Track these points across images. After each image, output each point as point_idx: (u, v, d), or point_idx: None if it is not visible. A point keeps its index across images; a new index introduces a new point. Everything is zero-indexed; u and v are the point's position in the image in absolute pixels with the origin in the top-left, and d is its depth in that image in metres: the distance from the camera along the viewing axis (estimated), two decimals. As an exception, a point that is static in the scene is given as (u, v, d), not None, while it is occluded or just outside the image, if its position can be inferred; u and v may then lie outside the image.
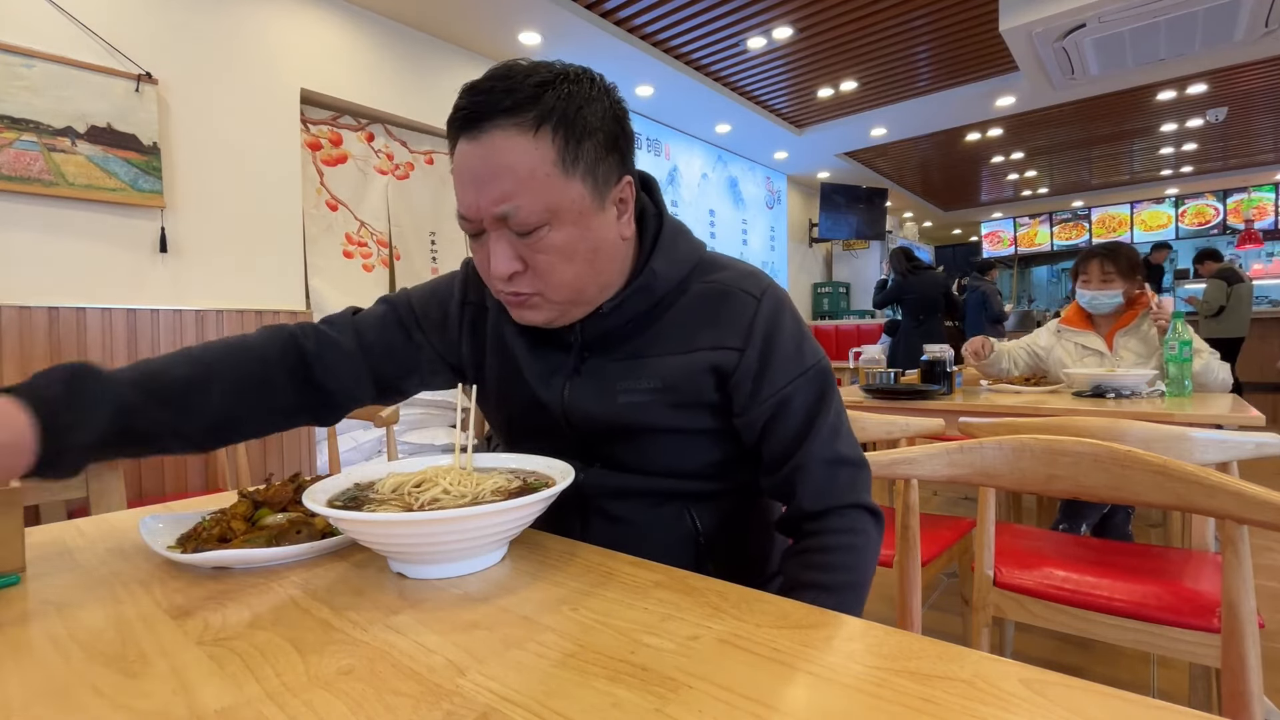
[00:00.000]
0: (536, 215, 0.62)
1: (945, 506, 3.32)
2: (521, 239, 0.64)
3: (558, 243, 0.64)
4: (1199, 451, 1.04)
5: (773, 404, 0.71)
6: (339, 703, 0.37)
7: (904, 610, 0.96)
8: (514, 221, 0.63)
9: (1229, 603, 0.75)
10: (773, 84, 4.69)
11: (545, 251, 0.64)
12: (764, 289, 0.74)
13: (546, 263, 0.65)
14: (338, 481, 0.65)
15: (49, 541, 0.69)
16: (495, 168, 0.62)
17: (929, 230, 11.32)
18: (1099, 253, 2.19)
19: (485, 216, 0.63)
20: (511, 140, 0.61)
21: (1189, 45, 3.83)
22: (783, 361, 0.72)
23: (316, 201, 3.11)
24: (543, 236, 0.64)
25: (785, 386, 0.71)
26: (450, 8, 3.29)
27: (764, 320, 0.72)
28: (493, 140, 0.62)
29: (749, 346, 0.71)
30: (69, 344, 2.31)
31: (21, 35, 2.22)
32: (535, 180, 0.62)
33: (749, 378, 0.71)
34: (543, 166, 0.62)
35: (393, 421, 1.93)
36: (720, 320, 0.72)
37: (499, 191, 0.62)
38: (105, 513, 0.84)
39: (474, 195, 0.63)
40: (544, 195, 0.62)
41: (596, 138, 0.64)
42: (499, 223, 0.63)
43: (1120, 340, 2.19)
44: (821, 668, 0.40)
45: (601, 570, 0.58)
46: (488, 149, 0.62)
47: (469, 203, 0.64)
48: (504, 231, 0.64)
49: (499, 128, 0.61)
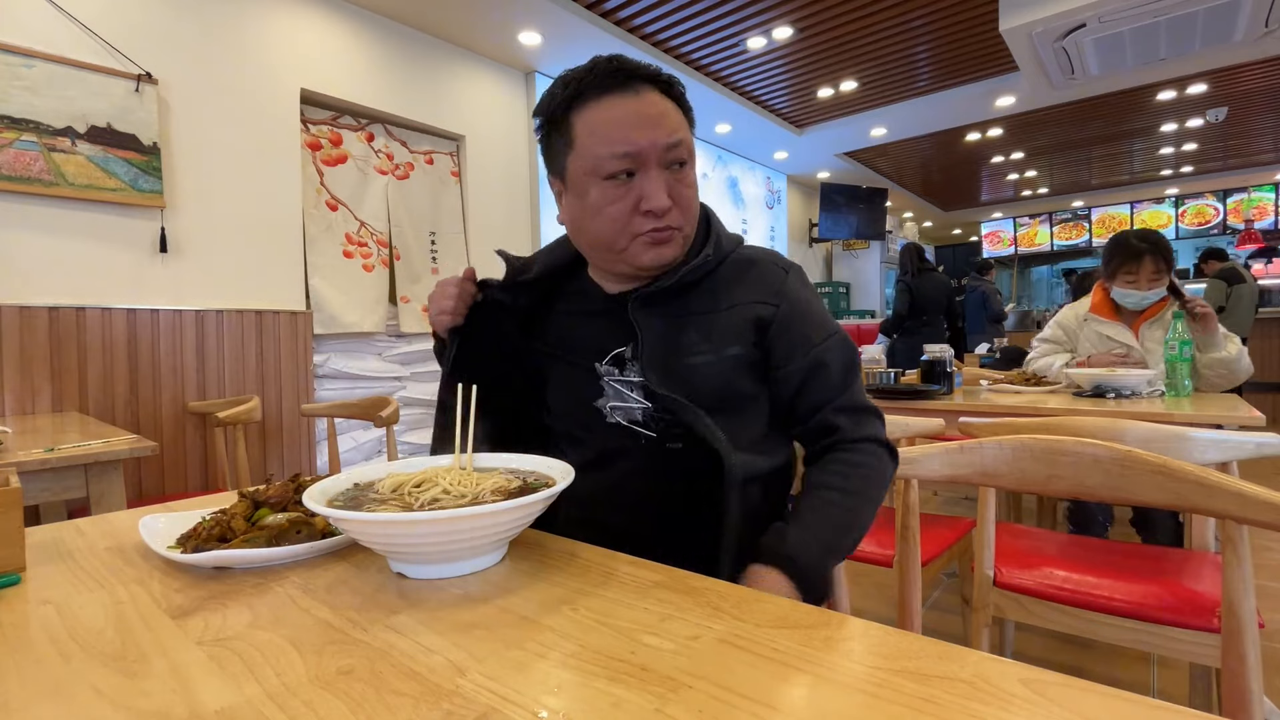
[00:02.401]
0: (687, 152, 0.77)
1: (945, 506, 3.32)
2: (673, 175, 0.76)
3: (693, 178, 0.80)
4: (1199, 451, 1.04)
5: (810, 360, 0.81)
6: (339, 703, 0.37)
7: (904, 610, 0.97)
8: (677, 153, 0.76)
9: (1229, 603, 0.75)
10: (773, 84, 4.69)
11: (689, 185, 0.79)
12: (789, 264, 0.87)
13: (688, 195, 0.78)
14: (338, 481, 0.65)
15: (49, 541, 0.69)
16: (664, 110, 0.76)
17: (929, 230, 11.31)
18: (1147, 249, 2.01)
19: (657, 149, 0.74)
20: (660, 97, 0.77)
21: (1189, 45, 3.83)
22: (815, 320, 0.83)
23: (316, 201, 3.11)
24: (687, 172, 0.78)
25: (820, 344, 0.81)
26: (450, 8, 3.29)
27: (793, 285, 0.84)
28: (650, 95, 0.76)
29: (783, 302, 0.82)
30: (69, 344, 2.31)
31: (21, 35, 2.22)
32: (683, 127, 0.78)
33: (785, 330, 0.81)
34: (681, 118, 0.78)
35: (393, 422, 1.93)
36: (753, 282, 0.83)
37: (670, 127, 0.75)
38: (105, 513, 0.84)
39: (648, 132, 0.74)
40: (689, 138, 0.78)
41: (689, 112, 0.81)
42: (661, 159, 0.75)
43: (1146, 332, 2.09)
44: (821, 668, 0.40)
45: (601, 570, 0.58)
46: (649, 100, 0.75)
47: (641, 139, 0.74)
48: (661, 170, 0.76)
49: (650, 88, 0.76)
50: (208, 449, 2.64)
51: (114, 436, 1.53)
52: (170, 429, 2.55)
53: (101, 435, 1.56)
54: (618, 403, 0.84)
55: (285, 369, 2.90)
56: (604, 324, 0.86)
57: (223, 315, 2.70)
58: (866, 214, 7.08)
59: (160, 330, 2.53)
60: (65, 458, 1.31)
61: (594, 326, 0.87)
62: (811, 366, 0.81)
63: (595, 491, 0.81)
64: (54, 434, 1.66)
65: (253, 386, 2.79)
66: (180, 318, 2.58)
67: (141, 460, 2.44)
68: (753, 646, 0.43)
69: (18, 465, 1.23)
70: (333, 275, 3.12)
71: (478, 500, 0.58)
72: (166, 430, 2.54)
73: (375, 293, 3.28)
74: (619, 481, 0.83)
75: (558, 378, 0.90)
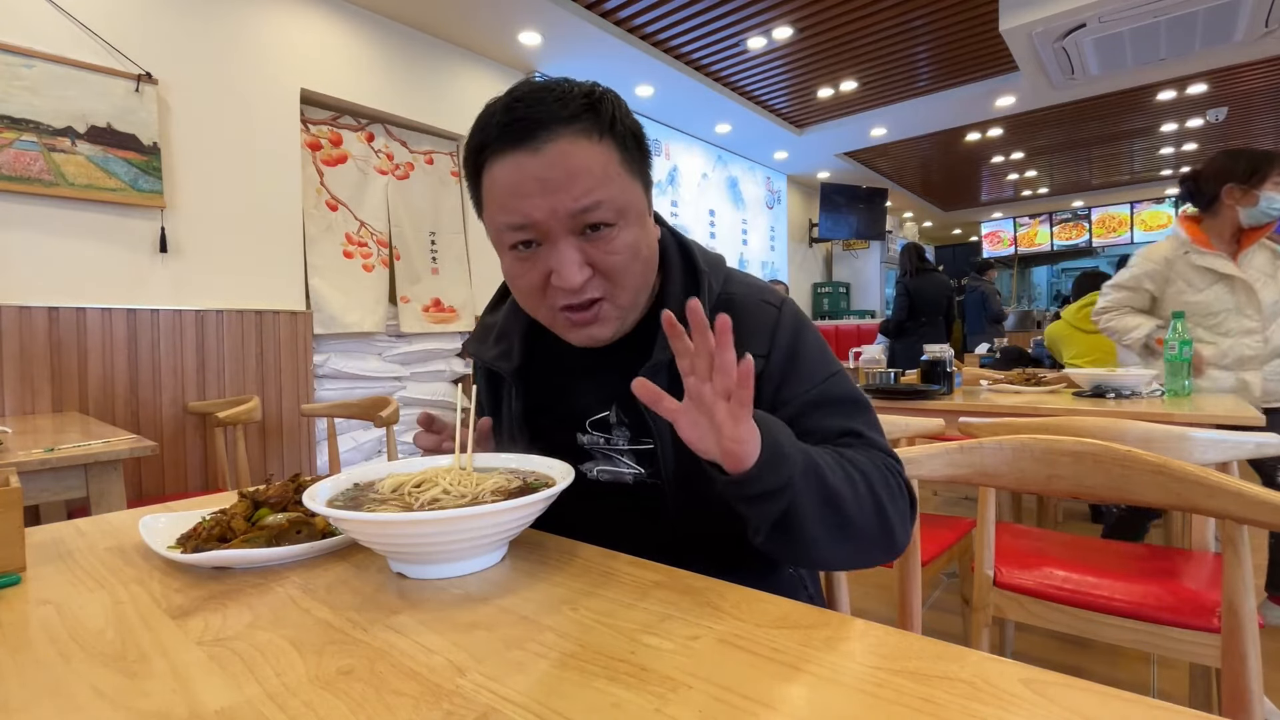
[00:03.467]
0: (612, 213, 0.63)
1: (945, 506, 3.32)
2: (592, 242, 0.64)
3: (628, 241, 0.65)
4: (1199, 451, 1.04)
5: (810, 397, 0.69)
6: (339, 703, 0.37)
7: (904, 610, 0.97)
8: (600, 213, 0.63)
9: (1229, 603, 0.75)
10: (773, 84, 4.69)
11: (617, 251, 0.65)
12: (782, 299, 0.74)
13: (618, 263, 0.65)
14: (338, 481, 0.65)
15: (49, 541, 0.69)
16: (570, 170, 0.62)
17: (929, 230, 11.32)
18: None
19: (559, 219, 0.62)
20: (578, 145, 0.62)
21: (1189, 45, 3.83)
22: (811, 362, 0.71)
23: (316, 201, 3.11)
24: (615, 236, 0.64)
25: (818, 384, 0.70)
26: (450, 8, 3.29)
27: (787, 326, 0.72)
28: (558, 147, 0.61)
29: (774, 350, 0.70)
30: (69, 344, 2.31)
31: (21, 35, 2.22)
32: (610, 179, 0.63)
33: (776, 378, 0.70)
34: (612, 167, 0.64)
35: (393, 422, 1.93)
36: (743, 329, 0.68)
37: (579, 189, 0.62)
38: (105, 513, 0.84)
39: (547, 200, 0.62)
40: (618, 194, 0.64)
41: (641, 144, 0.68)
42: (570, 226, 0.63)
43: (1245, 259, 1.98)
44: (821, 668, 0.40)
45: (601, 570, 0.58)
46: (554, 156, 0.61)
47: (540, 207, 0.62)
48: (571, 238, 0.64)
49: (561, 136, 0.62)
50: (208, 449, 2.64)
51: (114, 436, 1.53)
52: (170, 429, 2.55)
53: (101, 435, 1.56)
54: (606, 467, 0.76)
55: (285, 369, 2.90)
56: (585, 385, 0.76)
57: (223, 315, 2.70)
58: (866, 214, 7.09)
59: (160, 330, 2.53)
60: (65, 458, 1.31)
61: (574, 388, 0.77)
62: (804, 408, 0.69)
63: (575, 524, 0.72)
64: (54, 434, 1.66)
65: (253, 386, 2.79)
66: (180, 318, 2.58)
67: (141, 460, 2.44)
68: (753, 646, 0.43)
69: (18, 465, 1.23)
70: (333, 275, 3.12)
71: (478, 500, 0.58)
72: (166, 430, 2.54)
73: (375, 293, 3.28)
74: (602, 516, 0.74)
75: (540, 444, 0.77)
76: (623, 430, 0.74)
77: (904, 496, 0.66)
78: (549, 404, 0.79)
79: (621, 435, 0.75)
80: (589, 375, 0.76)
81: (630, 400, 0.69)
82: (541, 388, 0.80)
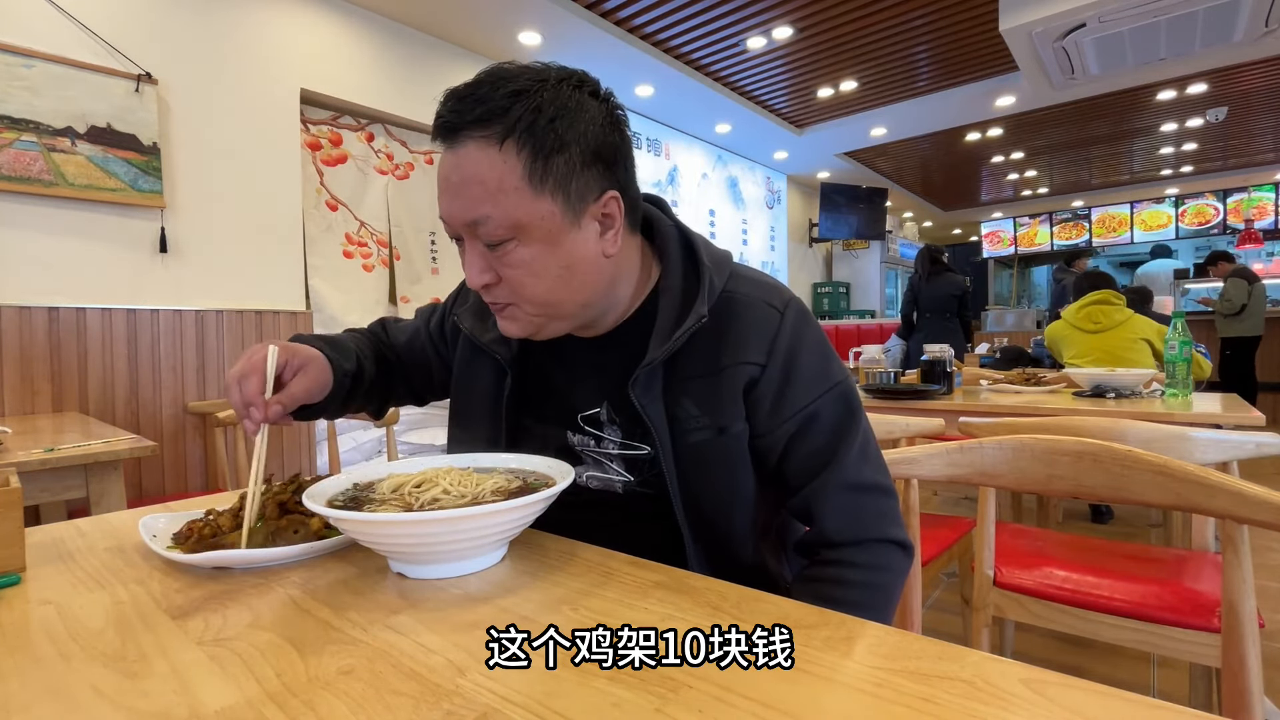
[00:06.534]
0: (503, 229, 0.62)
1: (945, 506, 3.32)
2: (491, 251, 0.64)
3: (525, 258, 0.63)
4: (1199, 451, 1.04)
5: (796, 421, 0.68)
6: (339, 703, 0.37)
7: (904, 610, 0.97)
8: (482, 232, 0.62)
9: (1229, 603, 0.75)
10: (773, 84, 4.69)
11: (513, 266, 0.64)
12: (787, 301, 0.71)
13: (515, 277, 0.64)
14: (338, 481, 0.65)
15: (49, 541, 0.69)
16: (466, 178, 0.61)
17: (929, 230, 11.31)
18: None
19: (456, 225, 0.64)
20: (482, 152, 0.61)
21: (1189, 45, 3.83)
22: (807, 378, 0.69)
23: (316, 201, 3.11)
24: (510, 250, 0.63)
25: (809, 404, 0.68)
26: (450, 8, 3.29)
27: (788, 334, 0.69)
28: (466, 151, 0.61)
29: (771, 361, 0.68)
30: (69, 344, 2.31)
31: (21, 35, 2.22)
32: (502, 194, 0.60)
33: (769, 396, 0.68)
34: (510, 180, 0.60)
35: (393, 422, 1.93)
36: (743, 333, 0.69)
37: (468, 201, 0.61)
38: (105, 513, 0.84)
39: (448, 204, 0.63)
40: (510, 210, 0.61)
41: (571, 151, 0.62)
42: (471, 233, 0.64)
43: None
44: (821, 668, 0.40)
45: (601, 570, 0.58)
46: (460, 159, 0.61)
47: (444, 210, 0.64)
48: (476, 242, 0.64)
49: (471, 139, 0.61)
50: (208, 449, 2.64)
51: (114, 436, 1.53)
52: (170, 429, 2.55)
53: (101, 435, 1.56)
54: (596, 473, 0.75)
55: (285, 369, 2.89)
56: (577, 378, 0.76)
57: (223, 315, 2.70)
58: (866, 214, 7.09)
59: (160, 330, 2.53)
60: (65, 458, 1.31)
61: (566, 380, 0.76)
62: (799, 426, 0.68)
63: (566, 530, 0.70)
64: (54, 434, 1.66)
65: (253, 386, 2.78)
66: (180, 318, 2.58)
67: (141, 460, 2.44)
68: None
69: (18, 465, 1.23)
70: (333, 275, 3.12)
71: (478, 500, 0.58)
72: (166, 430, 2.54)
73: (375, 293, 3.28)
74: (593, 523, 0.72)
75: (530, 444, 0.77)
76: (614, 429, 0.73)
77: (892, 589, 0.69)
78: (540, 394, 0.78)
79: (613, 434, 0.73)
80: (582, 368, 0.75)
81: (622, 398, 0.69)
82: (534, 376, 0.79)
